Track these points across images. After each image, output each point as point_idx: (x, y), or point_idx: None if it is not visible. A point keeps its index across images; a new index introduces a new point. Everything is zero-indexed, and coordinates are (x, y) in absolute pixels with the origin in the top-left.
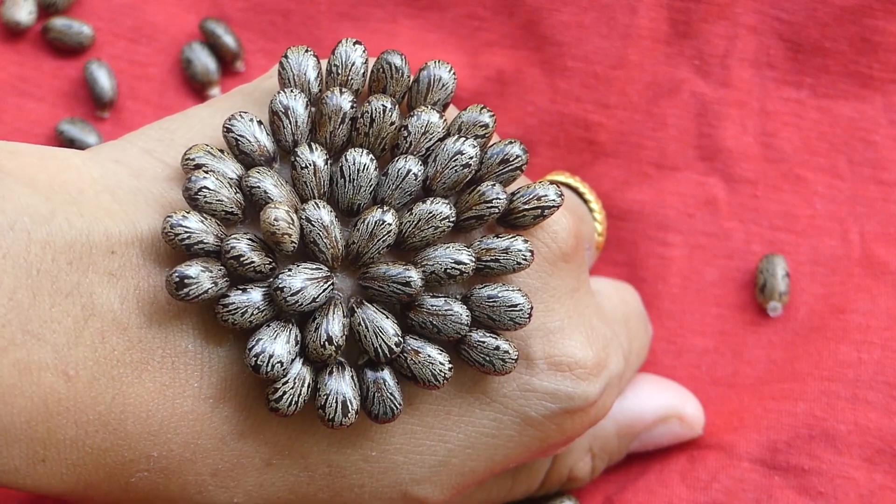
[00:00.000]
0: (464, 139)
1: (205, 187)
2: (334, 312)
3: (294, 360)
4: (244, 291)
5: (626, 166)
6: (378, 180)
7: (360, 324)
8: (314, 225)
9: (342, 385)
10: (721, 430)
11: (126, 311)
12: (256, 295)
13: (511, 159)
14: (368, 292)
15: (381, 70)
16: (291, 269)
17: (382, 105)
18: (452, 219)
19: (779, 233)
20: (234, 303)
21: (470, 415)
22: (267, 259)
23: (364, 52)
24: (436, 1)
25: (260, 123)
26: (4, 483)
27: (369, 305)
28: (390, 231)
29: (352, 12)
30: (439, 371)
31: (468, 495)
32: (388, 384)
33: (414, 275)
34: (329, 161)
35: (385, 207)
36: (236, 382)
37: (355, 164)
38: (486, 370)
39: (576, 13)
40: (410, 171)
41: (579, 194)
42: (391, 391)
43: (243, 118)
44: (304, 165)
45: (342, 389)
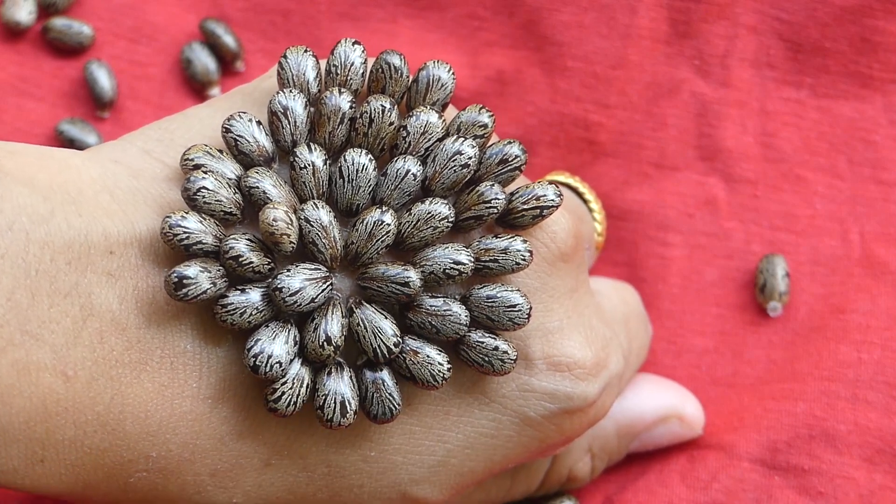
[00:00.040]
0: (463, 139)
1: (204, 187)
2: (333, 313)
3: (293, 361)
4: (243, 292)
5: (626, 166)
6: (377, 180)
7: (359, 324)
8: (313, 225)
9: (341, 385)
10: (721, 430)
11: (125, 312)
12: (255, 295)
13: (510, 159)
14: (367, 292)
15: (381, 70)
16: (290, 270)
17: (381, 105)
18: (451, 219)
19: (779, 233)
20: (233, 303)
21: (469, 415)
22: (266, 259)
23: (363, 53)
24: (436, 1)
25: (259, 124)
26: (3, 483)
27: (368, 306)
28: (389, 231)
29: (352, 12)
30: (438, 371)
31: (467, 495)
32: (387, 384)
33: (413, 275)
34: (328, 161)
35: (384, 208)
36: (235, 383)
37: (354, 165)
38: (485, 370)
39: (576, 13)
40: (409, 172)
41: (579, 194)
42: (390, 391)
43: (242, 118)
44: (303, 166)
45: (341, 390)
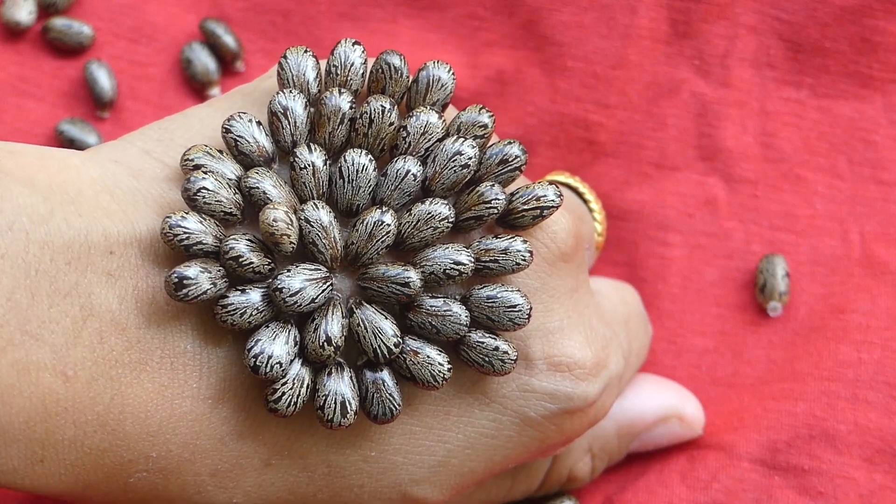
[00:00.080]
0: (463, 140)
1: (204, 188)
2: (333, 313)
3: (293, 361)
4: (243, 292)
5: (626, 166)
6: (377, 181)
7: (359, 324)
8: (313, 225)
9: (341, 385)
10: (721, 430)
11: (124, 312)
12: (255, 296)
13: (510, 160)
14: (367, 293)
15: (381, 70)
16: (290, 270)
17: (381, 105)
18: (451, 219)
19: (779, 233)
20: (233, 303)
21: (469, 415)
22: (266, 260)
23: (363, 53)
24: (436, 1)
25: (259, 124)
26: (3, 483)
27: (368, 306)
28: (389, 232)
29: (352, 12)
30: (438, 372)
31: (467, 496)
32: (387, 385)
33: (413, 275)
34: (328, 162)
35: (384, 208)
36: (235, 383)
37: (354, 165)
38: (486, 371)
39: (576, 13)
40: (409, 172)
41: (579, 194)
42: (390, 392)
43: (242, 119)
44: (303, 166)
45: (341, 390)
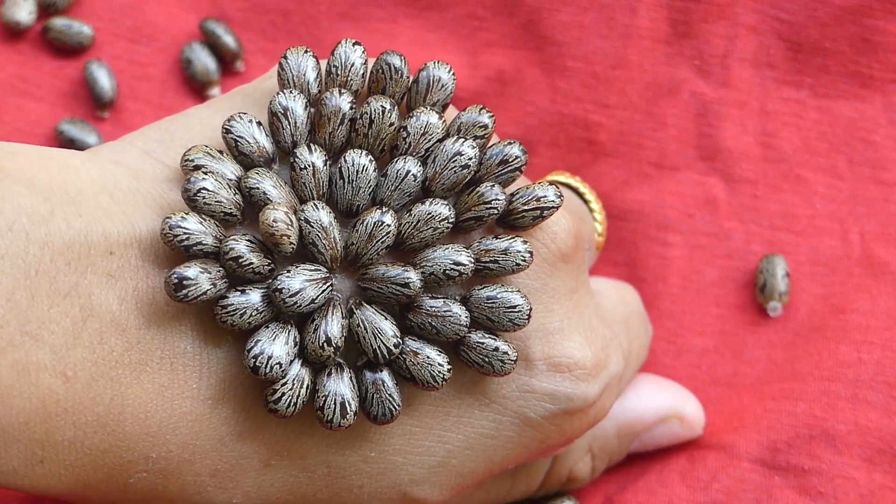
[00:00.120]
0: (463, 140)
1: (204, 188)
2: (333, 313)
3: (293, 362)
4: (243, 293)
5: (626, 166)
6: (377, 181)
7: (359, 325)
8: (313, 226)
9: (341, 386)
10: (721, 430)
11: (125, 313)
12: (255, 296)
13: (510, 160)
14: (367, 293)
15: (381, 71)
16: (290, 271)
17: (381, 106)
18: (451, 220)
19: (779, 233)
20: (233, 304)
21: (469, 416)
22: (266, 260)
23: (363, 53)
24: (436, 1)
25: (259, 124)
26: (3, 484)
27: (368, 307)
28: (389, 232)
29: (352, 12)
30: (438, 372)
31: (467, 496)
32: (387, 385)
33: (413, 276)
34: (328, 162)
35: (384, 208)
36: (235, 383)
37: (354, 166)
38: (486, 371)
39: (576, 13)
40: (409, 172)
41: (579, 194)
42: (390, 392)
43: (242, 119)
44: (303, 166)
45: (341, 390)
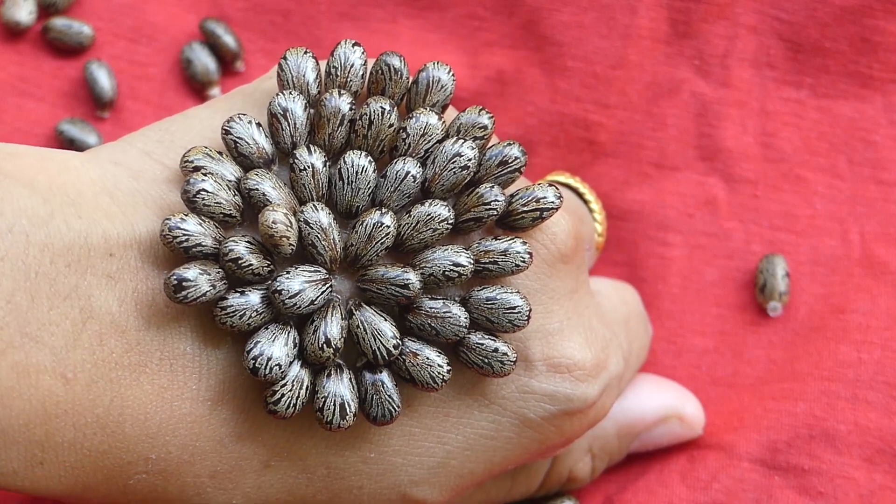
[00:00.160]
0: (462, 141)
1: (203, 189)
2: (332, 315)
3: (292, 363)
4: (242, 294)
5: (626, 166)
6: (377, 182)
7: (359, 326)
8: (312, 227)
9: (340, 387)
10: (721, 430)
11: (124, 314)
12: (255, 297)
13: (510, 161)
14: (367, 294)
15: (380, 71)
16: (290, 272)
17: (381, 107)
18: (451, 221)
19: (779, 233)
20: (233, 305)
21: (468, 417)
22: (265, 261)
23: (363, 54)
24: (436, 1)
25: (259, 125)
26: (3, 485)
27: (368, 308)
28: (389, 233)
29: (352, 12)
30: (438, 373)
31: (467, 497)
32: (387, 386)
33: (412, 277)
34: (328, 163)
35: (383, 209)
36: (234, 385)
37: (354, 167)
38: (485, 372)
39: (576, 13)
40: (409, 173)
41: (579, 195)
42: (389, 393)
43: (242, 120)
44: (303, 167)
45: (340, 391)
